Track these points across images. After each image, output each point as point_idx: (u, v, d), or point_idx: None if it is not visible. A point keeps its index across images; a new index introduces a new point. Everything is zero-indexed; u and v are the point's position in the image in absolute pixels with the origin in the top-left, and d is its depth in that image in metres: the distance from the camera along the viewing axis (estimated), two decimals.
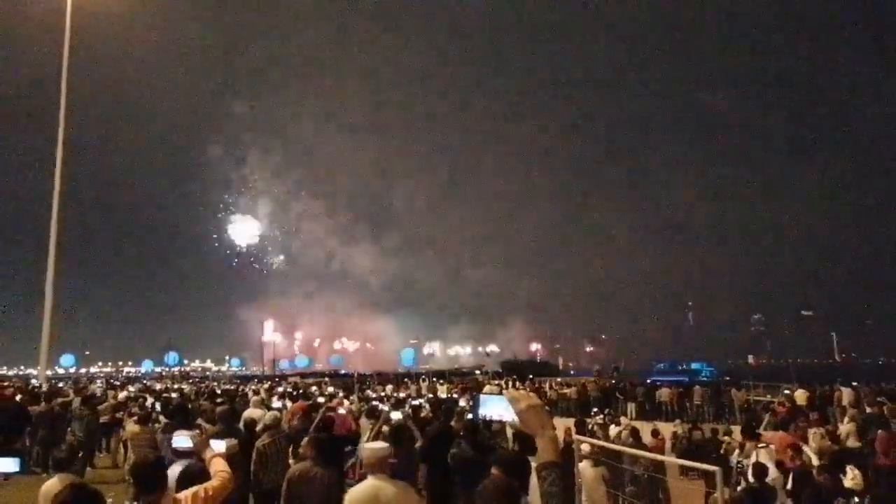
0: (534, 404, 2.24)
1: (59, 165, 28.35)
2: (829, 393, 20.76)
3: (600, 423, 13.36)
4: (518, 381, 32.58)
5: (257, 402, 13.31)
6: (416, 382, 32.71)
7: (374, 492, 4.46)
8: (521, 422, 2.25)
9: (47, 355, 27.37)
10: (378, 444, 4.98)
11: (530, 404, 2.23)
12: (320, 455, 5.82)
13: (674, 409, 23.43)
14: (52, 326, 27.14)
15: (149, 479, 3.58)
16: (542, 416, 2.23)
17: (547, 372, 51.70)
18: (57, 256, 27.57)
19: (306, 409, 10.67)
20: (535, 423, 2.20)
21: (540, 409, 2.25)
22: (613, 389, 26.93)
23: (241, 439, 7.62)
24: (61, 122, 29.14)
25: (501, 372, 47.97)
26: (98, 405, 13.58)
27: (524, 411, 2.22)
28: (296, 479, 5.64)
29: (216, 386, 28.34)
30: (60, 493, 3.07)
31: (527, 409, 2.22)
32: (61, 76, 29.76)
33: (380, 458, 4.66)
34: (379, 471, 4.59)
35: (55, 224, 27.81)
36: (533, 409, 2.22)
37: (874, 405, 14.47)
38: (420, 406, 13.46)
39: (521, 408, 2.22)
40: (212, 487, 3.76)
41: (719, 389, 24.43)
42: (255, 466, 7.26)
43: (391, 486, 4.52)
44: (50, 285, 27.31)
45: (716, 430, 13.80)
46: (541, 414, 2.24)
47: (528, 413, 2.22)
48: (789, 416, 16.12)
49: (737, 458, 9.14)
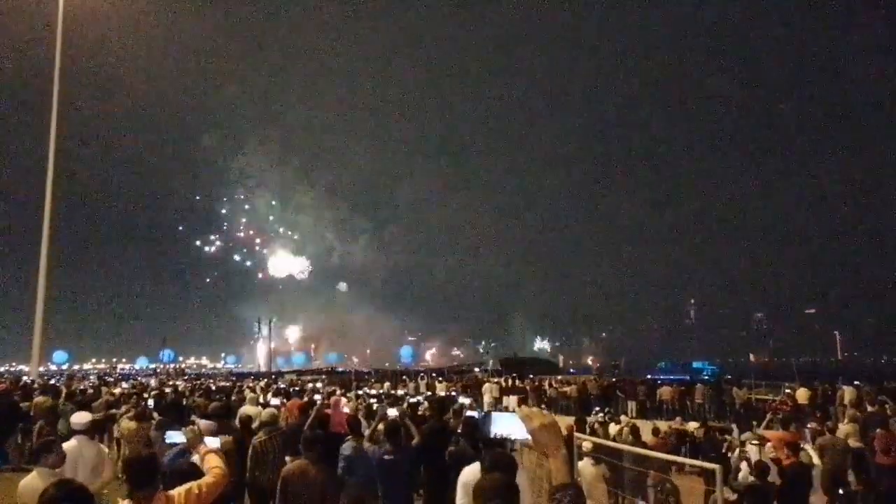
0: (547, 423, 2.18)
1: (51, 159, 28.15)
2: (831, 392, 20.70)
3: (601, 421, 13.23)
4: (518, 379, 32.40)
5: (253, 399, 13.21)
6: (415, 380, 32.59)
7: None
8: (534, 441, 2.20)
9: (39, 351, 27.25)
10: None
11: (543, 423, 2.18)
12: (315, 453, 5.73)
13: (675, 407, 23.34)
14: (44, 322, 27.03)
15: (142, 474, 3.53)
16: (555, 436, 2.17)
17: (547, 370, 51.64)
18: (49, 252, 27.43)
19: (303, 407, 10.58)
20: (549, 442, 2.14)
21: (553, 429, 2.19)
22: (614, 388, 26.83)
23: (236, 436, 7.54)
24: (53, 114, 28.88)
25: (501, 370, 47.84)
26: (86, 402, 13.45)
27: (537, 430, 2.17)
28: (291, 477, 5.62)
29: (211, 383, 28.16)
30: (47, 490, 2.99)
31: (540, 429, 2.16)
32: (54, 65, 29.44)
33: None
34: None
35: (47, 219, 27.66)
36: (546, 429, 2.16)
37: (875, 404, 14.38)
38: (418, 403, 13.33)
39: (533, 426, 2.17)
40: (205, 484, 3.69)
41: (721, 388, 24.34)
42: (250, 463, 7.22)
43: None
44: (42, 281, 27.18)
45: (715, 428, 13.71)
46: (554, 433, 2.18)
47: (540, 432, 2.16)
48: (791, 414, 16.05)
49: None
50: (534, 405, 24.46)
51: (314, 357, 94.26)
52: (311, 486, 5.54)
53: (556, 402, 26.14)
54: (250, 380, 34.35)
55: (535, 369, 46.70)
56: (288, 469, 5.77)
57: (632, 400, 24.50)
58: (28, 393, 13.87)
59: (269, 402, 12.35)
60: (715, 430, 13.16)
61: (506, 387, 28.20)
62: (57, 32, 29.52)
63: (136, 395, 14.70)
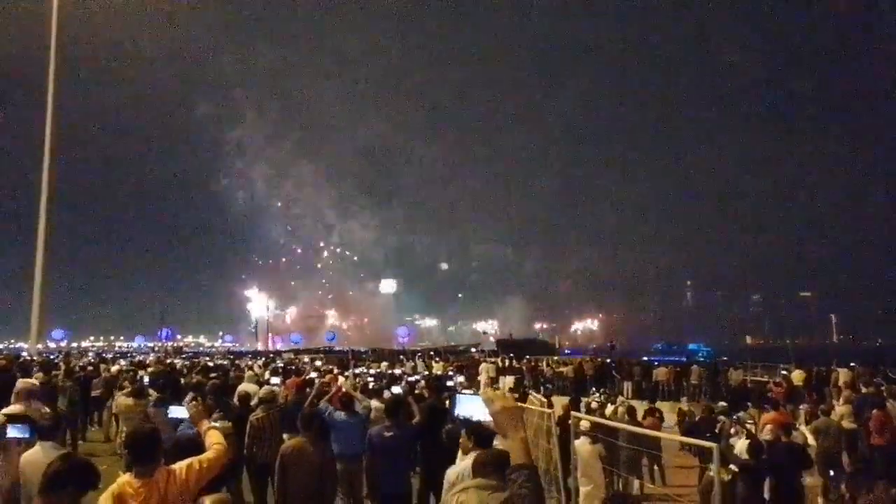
0: (508, 406, 2.23)
1: (48, 135, 27.75)
2: (827, 373, 20.83)
3: (598, 401, 13.32)
4: (514, 360, 32.55)
5: (251, 378, 13.26)
6: (412, 360, 32.70)
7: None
8: (495, 423, 2.26)
9: (38, 329, 27.24)
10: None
11: (504, 406, 2.22)
12: (313, 431, 5.76)
13: (670, 388, 23.50)
14: (42, 300, 26.96)
15: (144, 449, 3.54)
16: (515, 418, 2.22)
17: (543, 350, 51.85)
18: (47, 229, 27.25)
19: (300, 385, 10.63)
20: (508, 425, 2.19)
21: (514, 411, 2.24)
22: (610, 368, 26.97)
23: (234, 414, 7.59)
24: (50, 87, 28.34)
25: (497, 350, 48.04)
26: (85, 380, 13.52)
27: (498, 413, 2.22)
28: (290, 455, 5.67)
29: (209, 361, 28.24)
30: (53, 463, 3.08)
31: (500, 411, 2.21)
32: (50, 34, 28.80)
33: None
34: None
35: (45, 197, 27.45)
36: (507, 412, 2.21)
37: (870, 386, 14.48)
38: (416, 382, 13.40)
39: (495, 409, 2.22)
40: (206, 459, 3.70)
41: (717, 369, 24.49)
42: (248, 440, 7.25)
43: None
44: (40, 258, 27.08)
45: (711, 408, 13.79)
46: (514, 416, 2.23)
47: (501, 415, 2.21)
48: (786, 396, 16.17)
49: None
50: (530, 386, 24.66)
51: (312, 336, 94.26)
52: (309, 463, 5.58)
53: (552, 382, 26.26)
54: (248, 358, 34.46)
55: (532, 350, 46.84)
56: (286, 447, 5.81)
57: (628, 381, 24.66)
58: (27, 369, 13.86)
59: (269, 381, 12.39)
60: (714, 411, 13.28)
61: (502, 367, 28.34)
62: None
63: (134, 372, 14.74)
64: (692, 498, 8.44)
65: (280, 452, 5.75)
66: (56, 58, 28.59)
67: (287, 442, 6.08)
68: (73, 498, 3.04)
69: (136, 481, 3.39)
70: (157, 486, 3.41)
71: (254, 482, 7.29)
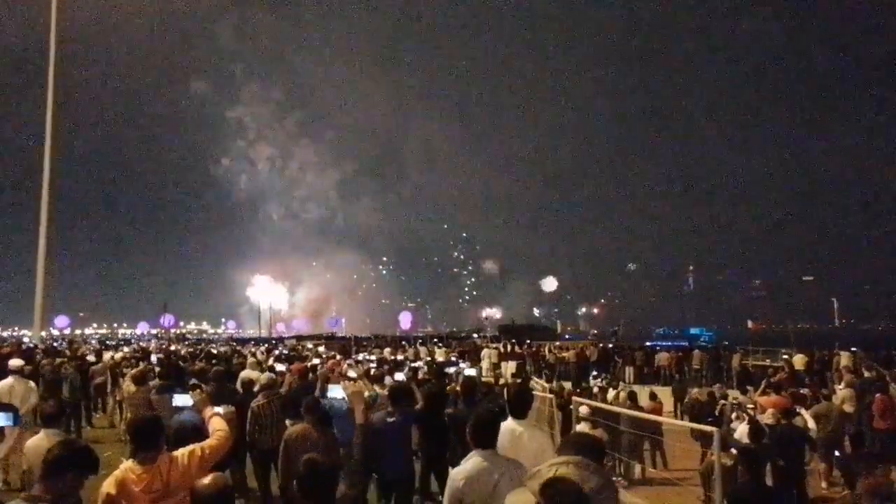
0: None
1: (49, 123, 27.70)
2: (828, 358, 20.85)
3: (601, 386, 13.37)
4: (516, 345, 32.59)
5: (254, 364, 13.30)
6: (414, 346, 32.76)
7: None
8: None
9: (41, 316, 27.33)
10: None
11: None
12: (317, 417, 5.77)
13: (672, 373, 23.53)
14: (45, 287, 27.04)
15: (146, 436, 3.57)
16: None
17: (545, 336, 51.93)
18: (50, 217, 27.29)
19: (303, 371, 10.65)
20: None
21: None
22: (612, 353, 26.99)
23: (236, 400, 7.61)
24: (51, 73, 28.25)
25: (499, 336, 48.13)
26: (88, 366, 13.57)
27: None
28: (293, 441, 5.68)
29: (213, 348, 28.34)
30: (53, 449, 3.09)
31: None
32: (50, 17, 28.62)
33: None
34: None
35: (46, 185, 27.43)
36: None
37: (871, 370, 14.50)
38: (418, 368, 13.43)
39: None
40: (209, 446, 3.73)
41: (719, 354, 24.50)
42: (250, 427, 7.26)
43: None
44: (42, 245, 27.14)
45: (712, 392, 13.82)
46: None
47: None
48: (787, 381, 16.17)
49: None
50: (532, 371, 24.74)
51: (315, 322, 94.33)
52: (313, 449, 5.58)
53: (554, 367, 26.32)
54: (251, 345, 34.57)
55: (534, 335, 46.92)
56: (290, 433, 5.82)
57: (630, 366, 24.71)
58: (31, 357, 13.94)
59: (273, 368, 12.42)
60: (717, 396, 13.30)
61: (504, 353, 28.39)
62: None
63: (137, 359, 14.78)
64: (694, 482, 8.46)
65: (284, 438, 5.77)
66: (56, 51, 28.52)
67: (291, 428, 6.08)
68: (73, 483, 3.06)
69: (138, 467, 3.42)
70: (160, 473, 3.43)
71: (256, 468, 7.34)
